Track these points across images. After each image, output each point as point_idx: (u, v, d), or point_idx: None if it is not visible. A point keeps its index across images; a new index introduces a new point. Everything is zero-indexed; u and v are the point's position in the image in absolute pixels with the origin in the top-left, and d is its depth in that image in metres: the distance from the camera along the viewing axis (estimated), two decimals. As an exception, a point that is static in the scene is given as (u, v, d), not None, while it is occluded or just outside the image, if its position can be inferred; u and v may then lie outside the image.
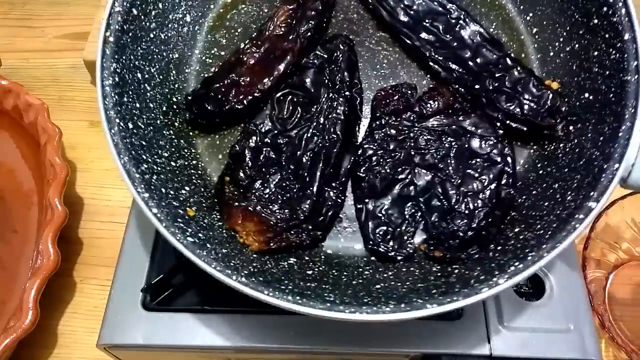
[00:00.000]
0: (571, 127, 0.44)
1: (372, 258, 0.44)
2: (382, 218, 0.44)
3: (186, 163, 0.47)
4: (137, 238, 0.50)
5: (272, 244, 0.43)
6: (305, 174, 0.45)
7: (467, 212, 0.43)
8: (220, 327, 0.45)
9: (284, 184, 0.45)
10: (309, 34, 0.47)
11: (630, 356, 0.49)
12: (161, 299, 0.47)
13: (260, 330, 0.45)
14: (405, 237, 0.44)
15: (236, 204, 0.44)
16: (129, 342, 0.45)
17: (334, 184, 0.45)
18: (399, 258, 0.43)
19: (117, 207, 0.63)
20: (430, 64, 0.47)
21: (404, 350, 0.45)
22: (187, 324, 0.46)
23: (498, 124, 0.45)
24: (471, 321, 0.45)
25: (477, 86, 0.45)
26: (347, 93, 0.47)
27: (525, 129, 0.45)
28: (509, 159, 0.44)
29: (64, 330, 0.57)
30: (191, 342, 0.45)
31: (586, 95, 0.44)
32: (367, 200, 0.45)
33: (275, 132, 0.47)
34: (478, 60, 0.46)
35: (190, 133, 0.48)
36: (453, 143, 0.45)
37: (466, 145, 0.45)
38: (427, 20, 0.48)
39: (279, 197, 0.45)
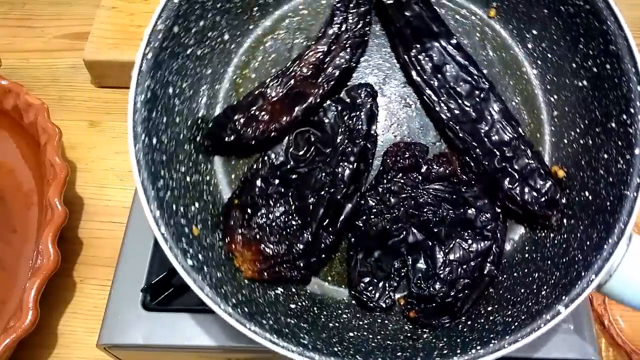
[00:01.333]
0: (565, 221, 0.46)
1: (353, 302, 0.48)
2: (370, 268, 0.47)
3: (200, 179, 0.50)
4: (137, 238, 0.51)
5: (264, 275, 0.47)
6: (308, 213, 0.48)
7: (448, 279, 0.46)
8: (220, 327, 0.46)
9: (286, 219, 0.48)
10: (333, 82, 0.48)
11: (630, 356, 0.50)
12: (161, 299, 0.48)
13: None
14: (388, 291, 0.47)
15: (239, 230, 0.48)
16: (128, 342, 0.47)
17: (331, 229, 0.48)
18: (378, 309, 0.47)
19: (117, 207, 0.63)
20: (446, 130, 0.48)
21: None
22: (187, 324, 0.47)
23: (497, 202, 0.47)
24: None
25: (485, 162, 0.47)
26: (362, 142, 0.49)
27: (521, 212, 0.47)
28: (499, 238, 0.47)
29: (64, 330, 0.58)
30: (191, 342, 0.46)
31: (586, 194, 0.45)
32: (359, 249, 0.48)
33: (288, 166, 0.50)
34: (493, 137, 0.47)
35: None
36: (450, 211, 0.48)
37: (462, 216, 0.47)
38: (452, 84, 0.49)
39: (280, 230, 0.48)
